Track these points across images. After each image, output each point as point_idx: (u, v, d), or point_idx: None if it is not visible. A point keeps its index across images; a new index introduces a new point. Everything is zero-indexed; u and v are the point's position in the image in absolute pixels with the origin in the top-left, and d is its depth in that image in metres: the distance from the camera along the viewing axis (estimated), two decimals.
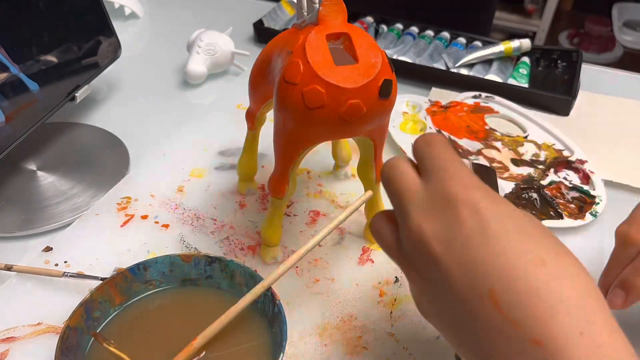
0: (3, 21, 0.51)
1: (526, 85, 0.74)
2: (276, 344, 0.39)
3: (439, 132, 0.66)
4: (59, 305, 0.45)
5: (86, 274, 0.47)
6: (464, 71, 0.76)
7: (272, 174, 0.45)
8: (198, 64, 0.72)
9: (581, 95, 0.74)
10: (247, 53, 0.75)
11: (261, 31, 0.84)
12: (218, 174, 0.59)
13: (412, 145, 0.35)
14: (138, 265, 0.43)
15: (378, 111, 0.39)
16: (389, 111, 0.41)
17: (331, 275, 0.49)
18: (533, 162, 0.63)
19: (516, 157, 0.64)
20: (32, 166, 0.58)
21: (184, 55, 0.76)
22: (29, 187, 0.56)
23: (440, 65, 0.77)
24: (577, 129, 0.68)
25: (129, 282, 0.43)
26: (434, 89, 0.74)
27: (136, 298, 0.43)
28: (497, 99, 0.72)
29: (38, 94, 0.54)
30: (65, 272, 0.46)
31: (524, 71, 0.76)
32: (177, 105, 0.71)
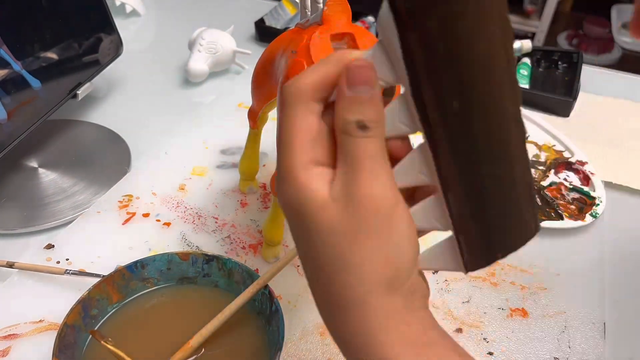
0: (6, 18, 0.51)
1: (527, 86, 0.75)
2: (273, 342, 0.39)
3: None
4: (60, 303, 0.45)
5: (88, 271, 0.47)
6: None
7: (274, 172, 0.46)
8: (199, 62, 0.72)
9: (581, 96, 0.74)
10: (248, 52, 0.75)
11: (262, 30, 0.84)
12: (219, 173, 0.59)
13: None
14: (136, 263, 0.43)
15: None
16: None
17: None
18: (533, 163, 0.63)
19: None
20: (34, 163, 0.58)
21: (185, 53, 0.76)
22: (31, 185, 0.56)
23: None
24: (577, 130, 0.69)
25: (127, 280, 0.43)
26: None
27: (134, 296, 0.43)
28: None
29: (40, 91, 0.54)
30: (67, 270, 0.46)
31: (524, 72, 0.76)
32: (179, 104, 0.71)
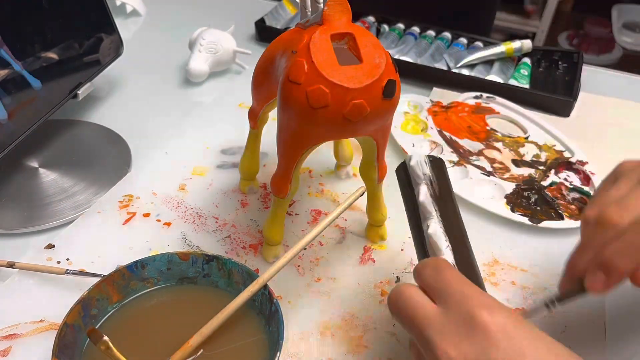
0: (7, 18, 0.51)
1: (527, 86, 0.75)
2: (273, 342, 0.39)
3: (440, 132, 0.66)
4: (61, 303, 0.44)
5: (88, 271, 0.47)
6: (465, 71, 0.76)
7: (274, 173, 0.46)
8: (200, 62, 0.72)
9: (581, 96, 0.74)
10: (248, 52, 0.75)
11: (263, 30, 0.84)
12: (220, 173, 0.59)
13: (417, 271, 0.36)
14: (136, 263, 0.43)
15: (382, 111, 0.40)
16: (392, 111, 0.41)
17: (332, 275, 0.49)
18: (534, 163, 0.63)
19: (517, 157, 0.64)
20: (34, 163, 0.58)
21: (185, 53, 0.76)
22: (31, 184, 0.56)
23: (441, 66, 0.77)
24: (577, 130, 0.69)
25: (127, 279, 0.43)
26: (435, 89, 0.74)
27: (134, 296, 0.43)
28: (498, 99, 0.72)
29: (40, 91, 0.54)
30: (67, 270, 0.46)
31: (525, 72, 0.76)
32: (179, 104, 0.71)
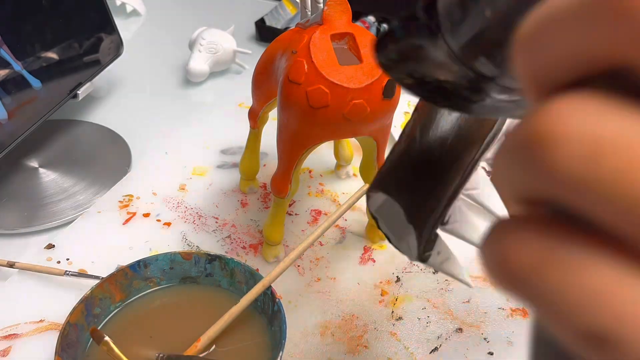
0: (7, 18, 0.51)
1: None
2: (275, 342, 0.39)
3: None
4: (61, 303, 0.45)
5: (88, 271, 0.47)
6: None
7: (275, 173, 0.46)
8: (200, 62, 0.72)
9: None
10: (248, 51, 0.75)
11: (263, 30, 0.84)
12: (220, 173, 0.59)
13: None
14: (139, 262, 0.43)
15: (382, 111, 0.40)
16: (392, 111, 0.41)
17: (333, 275, 0.49)
18: None
19: None
20: (34, 163, 0.58)
21: (185, 53, 0.76)
22: (31, 184, 0.56)
23: None
24: None
25: (130, 279, 0.43)
26: None
27: (136, 295, 0.43)
28: None
29: (40, 91, 0.54)
30: (66, 271, 0.46)
31: None
32: (179, 104, 0.71)
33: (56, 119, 0.63)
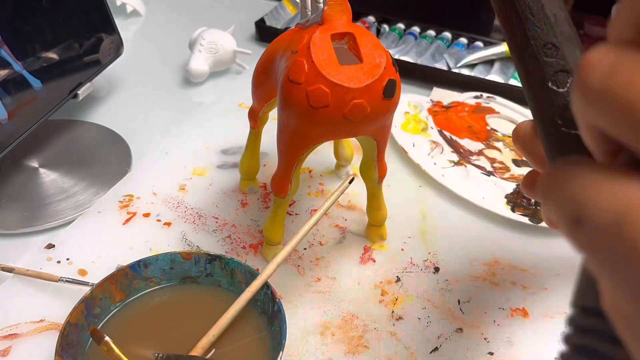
0: (7, 18, 0.51)
1: None
2: (276, 342, 0.39)
3: (440, 132, 0.66)
4: (61, 302, 0.45)
5: (88, 271, 0.47)
6: (465, 71, 0.76)
7: (275, 173, 0.46)
8: (200, 62, 0.72)
9: None
10: (248, 52, 0.75)
11: (263, 30, 0.84)
12: (220, 173, 0.59)
13: None
14: (139, 262, 0.43)
15: (382, 111, 0.40)
16: (392, 111, 0.41)
17: (333, 275, 0.49)
18: None
19: (517, 157, 0.64)
20: (35, 163, 0.58)
21: (185, 53, 0.76)
22: (31, 184, 0.56)
23: (441, 66, 0.77)
24: None
25: (130, 279, 0.43)
26: (435, 88, 0.74)
27: (136, 295, 0.43)
28: (499, 99, 0.72)
29: (40, 91, 0.54)
30: (61, 278, 0.46)
31: None
32: (179, 104, 0.71)
33: (56, 119, 0.63)
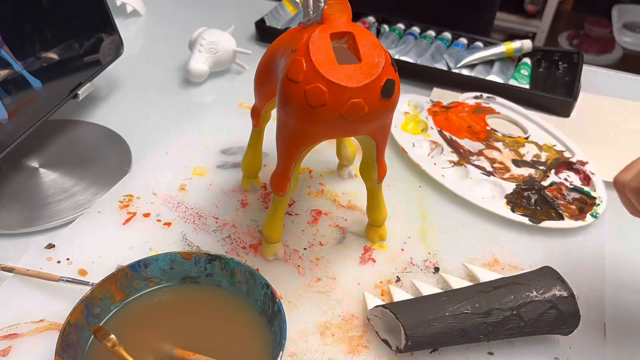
0: (7, 19, 0.51)
1: (527, 86, 0.74)
2: (275, 342, 0.39)
3: (440, 132, 0.66)
4: (61, 302, 0.45)
5: (88, 271, 0.47)
6: (465, 72, 0.76)
7: (274, 171, 0.46)
8: (200, 62, 0.72)
9: (581, 97, 0.74)
10: (248, 52, 0.75)
11: (263, 30, 0.84)
12: (220, 173, 0.59)
13: None
14: (139, 262, 0.43)
15: (380, 111, 0.40)
16: (391, 111, 0.41)
17: (332, 275, 0.49)
18: (534, 163, 0.63)
19: (517, 157, 0.64)
20: (35, 163, 0.58)
21: (185, 53, 0.76)
22: (31, 184, 0.56)
23: (441, 66, 0.77)
24: (577, 130, 0.69)
25: (130, 279, 0.43)
26: (435, 89, 0.74)
27: (136, 295, 0.43)
28: (499, 99, 0.72)
29: (41, 91, 0.54)
30: (61, 277, 0.46)
31: (525, 72, 0.76)
32: (179, 104, 0.71)
33: (56, 119, 0.63)
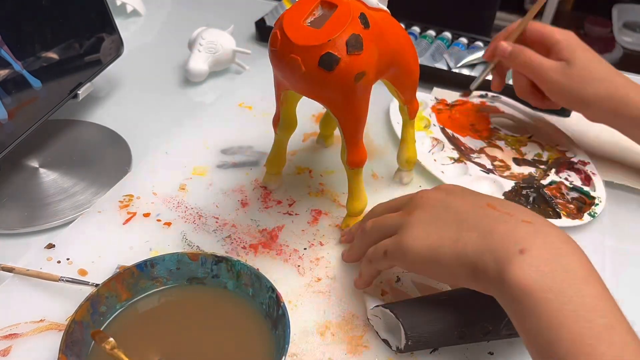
0: (7, 18, 0.51)
1: None
2: (279, 346, 0.39)
3: (442, 129, 0.66)
4: (61, 302, 0.45)
5: (88, 271, 0.47)
6: (465, 71, 0.76)
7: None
8: (199, 62, 0.72)
9: None
10: (248, 51, 0.75)
11: (263, 30, 0.84)
12: (220, 172, 0.59)
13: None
14: (145, 262, 0.43)
15: (318, 79, 0.41)
16: (335, 87, 0.42)
17: (333, 275, 0.49)
18: (535, 162, 0.63)
19: (518, 156, 0.64)
20: (35, 163, 0.58)
21: (185, 53, 0.76)
22: (31, 184, 0.56)
23: (442, 65, 0.77)
24: (577, 130, 0.69)
25: (136, 278, 0.43)
26: (435, 88, 0.74)
27: (143, 295, 0.43)
28: (503, 99, 0.72)
29: (41, 91, 0.54)
30: (61, 277, 0.46)
31: None
32: (179, 103, 0.71)
33: (56, 119, 0.63)
